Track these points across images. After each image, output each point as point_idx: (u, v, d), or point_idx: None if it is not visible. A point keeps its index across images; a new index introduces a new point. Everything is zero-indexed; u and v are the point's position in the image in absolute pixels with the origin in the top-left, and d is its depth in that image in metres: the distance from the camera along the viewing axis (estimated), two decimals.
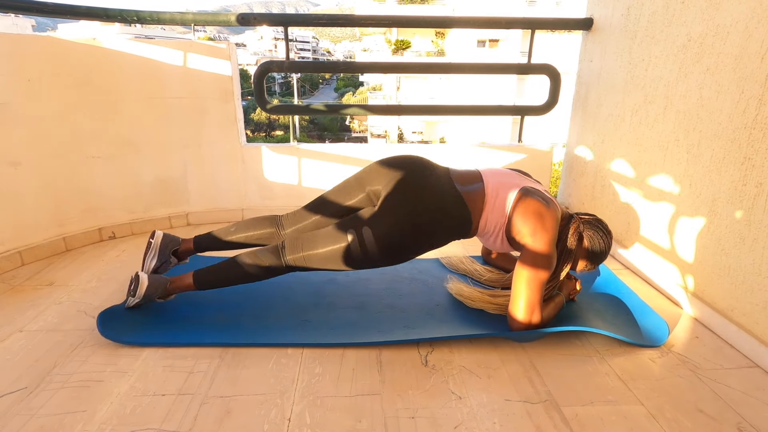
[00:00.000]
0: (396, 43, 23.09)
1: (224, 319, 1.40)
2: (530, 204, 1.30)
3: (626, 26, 1.87)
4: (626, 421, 1.04)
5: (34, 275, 1.71)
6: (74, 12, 2.01)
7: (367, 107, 2.48)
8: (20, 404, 1.05)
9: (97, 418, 1.02)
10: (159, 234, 1.50)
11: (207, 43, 2.15)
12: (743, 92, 1.30)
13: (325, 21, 2.35)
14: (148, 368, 1.18)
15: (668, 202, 1.62)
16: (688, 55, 1.51)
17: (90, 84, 1.93)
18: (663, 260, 1.66)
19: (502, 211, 1.34)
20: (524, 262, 1.27)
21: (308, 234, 1.37)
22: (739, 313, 1.32)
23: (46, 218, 1.89)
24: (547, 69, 2.28)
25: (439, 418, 1.03)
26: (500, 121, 19.24)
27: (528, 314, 1.26)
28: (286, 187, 2.35)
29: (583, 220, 1.39)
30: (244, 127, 2.34)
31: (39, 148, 1.83)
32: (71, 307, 1.48)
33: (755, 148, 1.26)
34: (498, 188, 1.36)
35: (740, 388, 1.16)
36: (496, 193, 1.35)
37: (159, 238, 1.50)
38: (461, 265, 1.76)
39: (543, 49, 3.23)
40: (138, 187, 2.15)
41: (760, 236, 1.24)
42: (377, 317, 1.43)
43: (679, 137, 1.56)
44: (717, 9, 1.39)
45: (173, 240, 1.53)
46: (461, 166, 2.35)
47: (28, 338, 1.31)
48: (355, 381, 1.15)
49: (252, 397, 1.09)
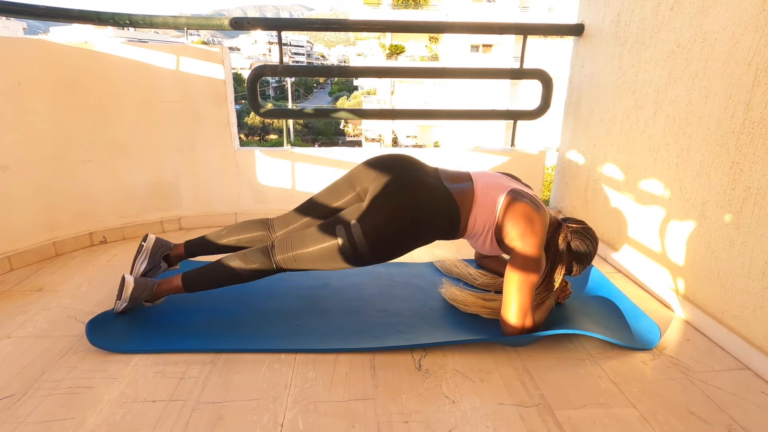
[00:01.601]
0: (390, 48, 23.17)
1: (216, 325, 1.39)
2: (520, 207, 1.31)
3: (616, 32, 1.89)
4: (619, 424, 1.04)
5: (23, 280, 1.69)
6: (66, 15, 2.00)
7: (361, 111, 2.48)
8: (7, 411, 1.04)
9: (87, 425, 1.00)
10: (152, 237, 1.49)
11: (200, 47, 2.14)
12: (731, 97, 1.32)
13: (318, 26, 2.36)
14: (138, 374, 1.17)
15: (659, 205, 1.64)
16: (677, 61, 1.53)
17: (81, 87, 1.92)
18: (654, 263, 1.67)
19: (492, 212, 1.34)
20: (514, 265, 1.28)
21: (297, 233, 1.37)
22: (729, 316, 1.34)
23: (36, 223, 1.87)
24: (539, 74, 2.30)
25: (432, 423, 1.03)
26: (494, 126, 19.37)
27: (520, 318, 1.26)
28: (279, 191, 2.35)
29: (572, 228, 1.40)
30: (237, 131, 2.34)
31: (29, 151, 1.81)
32: (61, 312, 1.46)
33: (743, 152, 1.28)
34: (488, 189, 1.36)
35: (731, 390, 1.17)
36: (486, 192, 1.35)
37: (151, 241, 1.49)
38: (455, 269, 1.77)
39: (536, 54, 3.26)
40: (130, 192, 2.13)
41: (748, 239, 1.26)
42: (371, 322, 1.43)
43: (669, 142, 1.58)
44: (705, 16, 1.42)
45: (165, 244, 1.52)
46: (452, 168, 2.37)
47: (16, 344, 1.29)
48: (348, 386, 1.15)
49: (244, 402, 1.08)
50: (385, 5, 23.76)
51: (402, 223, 1.30)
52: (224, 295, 1.55)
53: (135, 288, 1.34)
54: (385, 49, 23.65)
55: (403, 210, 1.29)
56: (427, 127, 23.86)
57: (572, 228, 1.40)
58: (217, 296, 1.55)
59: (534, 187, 2.42)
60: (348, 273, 1.76)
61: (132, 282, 1.34)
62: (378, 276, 1.74)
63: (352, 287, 1.65)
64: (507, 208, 1.32)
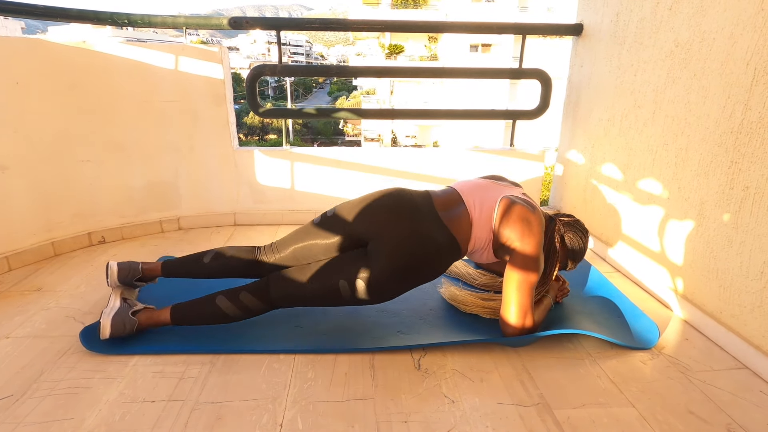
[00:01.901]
0: (389, 48, 23.17)
1: (215, 326, 1.38)
2: (515, 211, 1.30)
3: (615, 32, 1.89)
4: (618, 423, 1.04)
5: (22, 280, 1.69)
6: (64, 14, 1.99)
7: (360, 111, 2.48)
8: (6, 412, 1.03)
9: (85, 425, 1.00)
10: (113, 268, 1.41)
11: (199, 46, 2.14)
12: (729, 97, 1.32)
13: (318, 25, 2.36)
14: (137, 375, 1.17)
15: (657, 205, 1.64)
16: (676, 61, 1.53)
17: (80, 87, 1.92)
18: (653, 263, 1.68)
19: (489, 227, 1.33)
20: (513, 266, 1.28)
21: (295, 271, 1.32)
22: (727, 315, 1.34)
23: (35, 223, 1.86)
24: (538, 74, 2.30)
25: (431, 423, 1.03)
26: (493, 126, 19.37)
27: (521, 318, 1.26)
28: (278, 191, 2.34)
29: (563, 221, 1.42)
30: (236, 131, 2.34)
31: (27, 151, 1.80)
32: (59, 312, 1.46)
33: (741, 152, 1.28)
34: (480, 204, 1.34)
35: (729, 389, 1.17)
36: (480, 209, 1.34)
37: (114, 275, 1.40)
38: (454, 269, 1.77)
39: (535, 54, 3.27)
40: (129, 191, 2.13)
41: (747, 239, 1.26)
42: (370, 322, 1.43)
43: (668, 141, 1.58)
44: (703, 16, 1.42)
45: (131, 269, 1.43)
46: (455, 170, 2.37)
47: (14, 345, 1.29)
48: (347, 386, 1.15)
49: (243, 402, 1.08)
50: (384, 5, 23.76)
51: (407, 273, 1.28)
52: None
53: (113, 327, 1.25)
54: (384, 49, 23.64)
55: (407, 260, 1.26)
56: (426, 127, 23.86)
57: (564, 221, 1.42)
58: None
59: (533, 187, 2.43)
60: None
61: (108, 326, 1.25)
62: None
63: None
64: (503, 215, 1.31)
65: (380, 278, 1.25)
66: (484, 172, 2.41)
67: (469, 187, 1.40)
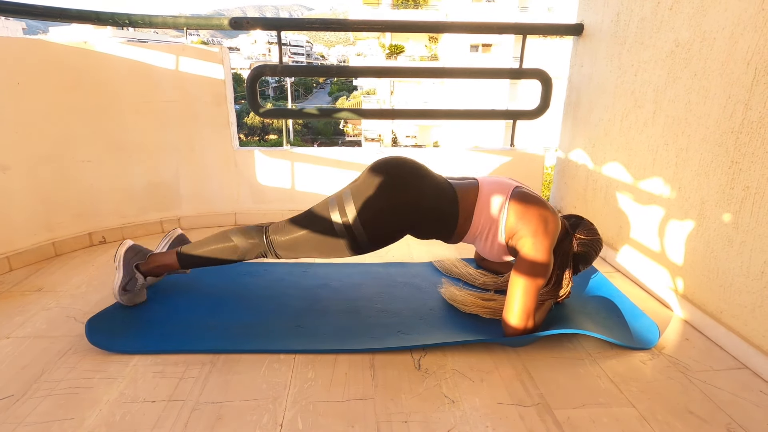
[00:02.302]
0: (390, 48, 23.17)
1: (216, 326, 1.38)
2: (533, 205, 1.30)
3: (616, 32, 1.89)
4: (618, 423, 1.04)
5: (23, 281, 1.69)
6: (65, 15, 1.99)
7: (360, 111, 2.48)
8: (6, 412, 1.04)
9: (86, 425, 1.00)
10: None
11: (200, 47, 2.14)
12: (730, 97, 1.32)
13: (318, 25, 2.36)
14: (138, 375, 1.17)
15: (658, 205, 1.64)
16: (677, 61, 1.53)
17: (81, 87, 1.92)
18: (653, 263, 1.68)
19: (497, 211, 1.33)
20: (521, 268, 1.27)
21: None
22: (728, 315, 1.34)
23: (35, 223, 1.87)
24: (538, 74, 2.30)
25: (431, 422, 1.03)
26: (493, 126, 19.36)
27: (523, 320, 1.26)
28: (278, 191, 2.35)
29: (581, 241, 1.39)
30: (236, 131, 2.34)
31: (28, 152, 1.81)
32: (60, 313, 1.46)
33: (742, 152, 1.28)
34: (492, 186, 1.36)
35: (729, 389, 1.17)
36: (490, 190, 1.35)
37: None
38: (454, 269, 1.77)
39: (535, 54, 3.27)
40: (129, 192, 2.13)
41: (747, 239, 1.26)
42: (370, 322, 1.43)
43: (668, 141, 1.58)
44: (704, 15, 1.42)
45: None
46: (455, 170, 2.37)
47: (15, 345, 1.29)
48: (347, 385, 1.15)
49: (244, 402, 1.08)
50: (384, 5, 23.76)
51: (400, 208, 1.31)
52: (224, 296, 1.56)
53: (129, 249, 1.41)
54: (385, 49, 23.65)
55: (404, 196, 1.30)
56: (426, 127, 23.86)
57: (581, 240, 1.39)
58: (216, 296, 1.55)
59: (534, 187, 2.42)
60: (348, 273, 1.76)
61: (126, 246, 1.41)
62: (377, 276, 1.74)
63: (352, 287, 1.65)
64: (518, 206, 1.31)
65: (376, 204, 1.29)
66: (484, 172, 2.41)
67: (487, 178, 1.44)
